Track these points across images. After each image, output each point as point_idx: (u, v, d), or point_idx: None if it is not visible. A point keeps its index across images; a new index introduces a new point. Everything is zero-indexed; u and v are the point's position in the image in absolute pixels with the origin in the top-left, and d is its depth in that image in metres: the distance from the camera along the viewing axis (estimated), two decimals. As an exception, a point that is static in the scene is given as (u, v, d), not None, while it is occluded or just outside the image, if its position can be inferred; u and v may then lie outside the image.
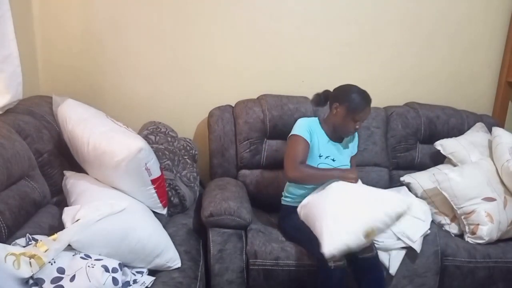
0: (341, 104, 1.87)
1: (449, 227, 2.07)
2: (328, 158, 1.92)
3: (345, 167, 1.96)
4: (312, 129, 1.91)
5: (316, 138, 1.91)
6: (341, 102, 1.88)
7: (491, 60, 2.63)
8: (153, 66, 2.37)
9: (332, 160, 1.93)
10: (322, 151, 1.91)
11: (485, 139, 2.30)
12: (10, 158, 1.44)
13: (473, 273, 1.93)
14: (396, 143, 2.40)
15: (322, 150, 1.91)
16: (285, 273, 1.79)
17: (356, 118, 1.86)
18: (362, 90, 1.89)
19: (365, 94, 1.88)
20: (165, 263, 1.53)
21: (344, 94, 1.89)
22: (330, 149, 1.94)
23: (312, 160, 1.90)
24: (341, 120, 1.88)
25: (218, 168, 2.27)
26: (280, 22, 2.38)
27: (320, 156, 1.91)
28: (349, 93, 1.87)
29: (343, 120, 1.87)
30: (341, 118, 1.88)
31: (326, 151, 1.92)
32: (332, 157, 1.93)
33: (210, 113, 2.29)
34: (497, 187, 2.05)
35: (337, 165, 1.93)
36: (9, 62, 1.69)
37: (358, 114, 1.85)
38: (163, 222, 1.70)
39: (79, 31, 2.28)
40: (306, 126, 1.90)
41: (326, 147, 1.93)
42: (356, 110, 1.84)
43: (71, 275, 1.23)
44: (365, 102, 1.86)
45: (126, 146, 1.57)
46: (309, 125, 1.91)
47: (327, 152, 1.92)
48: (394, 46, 2.51)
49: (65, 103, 1.74)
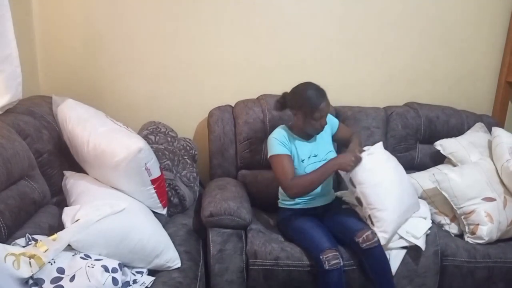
0: (297, 110, 1.86)
1: (449, 227, 2.07)
2: (311, 157, 1.92)
3: (330, 154, 1.95)
4: (284, 140, 1.89)
5: (293, 146, 1.90)
6: (296, 108, 1.86)
7: (491, 60, 2.63)
8: (153, 66, 2.37)
9: (314, 156, 1.92)
10: (302, 154, 1.91)
11: (485, 139, 2.30)
12: (10, 158, 1.44)
13: (473, 273, 1.93)
14: (396, 143, 2.40)
15: (302, 154, 1.91)
16: (285, 273, 1.79)
17: (315, 117, 1.82)
18: (312, 86, 1.85)
19: (316, 91, 1.83)
20: (165, 263, 1.53)
21: (297, 99, 1.86)
22: (308, 148, 1.93)
23: (298, 167, 1.89)
24: (305, 123, 1.86)
25: (218, 168, 2.27)
26: (279, 22, 2.38)
27: (302, 160, 1.90)
28: (300, 97, 1.84)
29: (306, 123, 1.85)
30: (303, 122, 1.86)
31: (305, 153, 1.91)
32: (314, 153, 1.93)
33: (210, 113, 2.29)
34: (497, 187, 2.05)
35: (322, 156, 1.92)
36: (9, 62, 1.69)
37: (316, 113, 1.81)
38: (163, 222, 1.70)
39: (79, 31, 2.28)
40: (278, 141, 1.88)
41: (304, 149, 1.92)
42: (312, 110, 1.81)
43: (71, 275, 1.23)
44: (318, 99, 1.81)
45: (126, 146, 1.57)
46: (280, 137, 1.89)
47: (307, 153, 1.92)
48: (394, 46, 2.51)
49: (65, 103, 1.74)
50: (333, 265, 1.66)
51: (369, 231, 1.76)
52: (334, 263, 1.66)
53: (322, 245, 1.72)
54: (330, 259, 1.67)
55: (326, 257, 1.67)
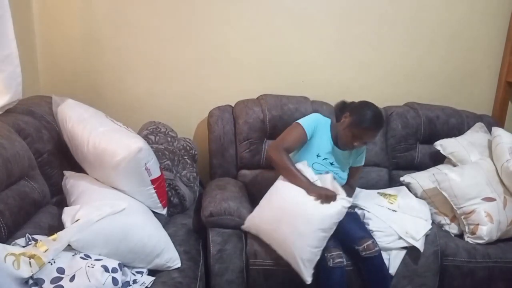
0: (350, 115, 1.86)
1: (449, 227, 2.07)
2: (326, 161, 1.91)
3: (342, 173, 1.95)
4: (319, 127, 1.89)
5: (319, 137, 1.89)
6: (351, 113, 1.86)
7: (491, 60, 2.63)
8: (153, 66, 2.37)
9: (330, 164, 1.92)
10: (321, 151, 1.90)
11: (485, 139, 2.30)
12: (10, 158, 1.44)
13: (473, 273, 1.93)
14: (396, 143, 2.40)
15: (321, 151, 1.90)
16: (285, 273, 1.79)
17: (356, 133, 1.81)
18: (379, 112, 1.86)
19: (378, 117, 1.83)
20: (165, 263, 1.53)
21: (359, 107, 1.87)
22: (332, 153, 1.92)
23: (309, 156, 1.89)
24: (343, 130, 1.85)
25: (218, 168, 2.27)
26: (280, 22, 2.38)
27: (318, 155, 1.90)
28: (363, 108, 1.85)
29: (345, 130, 1.84)
30: (344, 127, 1.86)
31: (325, 153, 1.91)
32: (331, 161, 1.92)
33: (210, 113, 2.29)
34: (497, 187, 2.05)
35: (334, 169, 1.92)
36: (9, 62, 1.69)
37: (360, 130, 1.80)
38: (163, 222, 1.70)
39: (79, 31, 2.28)
40: (314, 122, 1.88)
41: (327, 149, 1.91)
42: (360, 125, 1.80)
43: (71, 275, 1.23)
44: (373, 123, 1.81)
45: (126, 146, 1.57)
46: (319, 122, 1.89)
47: (327, 155, 1.91)
48: (394, 46, 2.51)
49: (65, 103, 1.74)
50: (337, 263, 1.67)
51: (370, 241, 1.75)
52: (338, 261, 1.67)
53: (326, 243, 1.72)
54: (335, 257, 1.68)
55: (330, 255, 1.68)
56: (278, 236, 1.71)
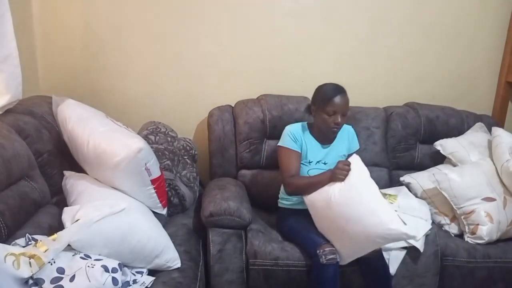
0: (313, 104, 1.87)
1: (449, 227, 2.07)
2: (320, 163, 1.91)
3: None
4: (299, 136, 1.88)
5: (304, 145, 1.89)
6: (313, 101, 1.87)
7: (491, 60, 2.63)
8: (153, 66, 2.37)
9: (324, 164, 1.91)
10: (311, 156, 1.90)
11: (485, 139, 2.30)
12: (10, 158, 1.44)
13: (473, 273, 1.93)
14: (396, 143, 2.40)
15: (311, 156, 1.90)
16: (285, 273, 1.79)
17: (328, 111, 1.78)
18: (332, 84, 1.85)
19: (333, 85, 1.83)
20: (165, 263, 1.53)
21: (315, 93, 1.89)
22: (320, 153, 1.92)
23: (303, 166, 1.89)
24: (319, 119, 1.85)
25: (218, 168, 2.27)
26: (280, 22, 2.38)
27: (310, 162, 1.90)
28: (317, 91, 1.87)
29: (320, 118, 1.83)
30: (317, 117, 1.85)
31: (315, 156, 1.91)
32: (324, 161, 1.92)
33: (210, 113, 2.29)
34: (497, 187, 2.05)
35: (331, 166, 1.90)
36: (9, 62, 1.69)
37: (328, 105, 1.78)
38: (163, 222, 1.70)
39: (79, 31, 2.28)
40: (291, 135, 1.87)
41: (316, 152, 1.91)
42: (325, 102, 1.78)
43: (71, 275, 1.23)
44: (332, 92, 1.79)
45: (126, 146, 1.57)
46: (296, 132, 1.89)
47: (318, 157, 1.91)
48: (394, 47, 2.51)
49: (65, 103, 1.74)
50: (330, 259, 1.65)
51: None
52: (331, 257, 1.65)
53: (319, 240, 1.72)
54: (327, 253, 1.65)
55: (323, 252, 1.66)
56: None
